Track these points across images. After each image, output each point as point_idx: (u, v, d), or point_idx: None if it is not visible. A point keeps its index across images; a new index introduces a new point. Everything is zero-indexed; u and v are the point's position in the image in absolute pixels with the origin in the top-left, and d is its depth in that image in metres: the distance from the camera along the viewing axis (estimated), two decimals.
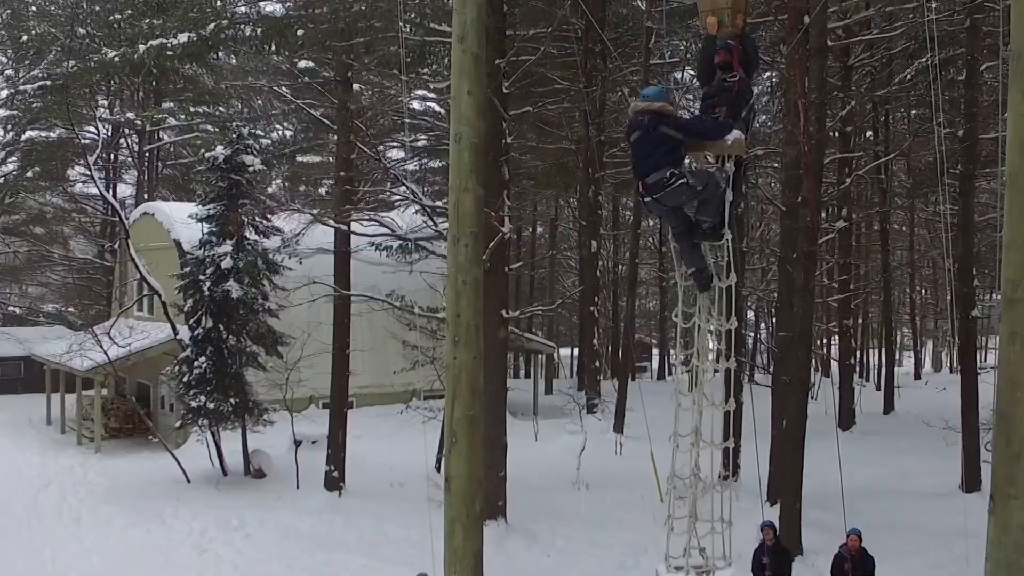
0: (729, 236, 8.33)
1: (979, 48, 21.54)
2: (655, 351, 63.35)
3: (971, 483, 20.79)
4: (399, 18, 12.14)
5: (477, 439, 8.30)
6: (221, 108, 39.43)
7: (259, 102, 34.38)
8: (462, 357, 8.25)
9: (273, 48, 17.51)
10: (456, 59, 8.35)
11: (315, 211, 20.96)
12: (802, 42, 15.73)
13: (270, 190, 52.24)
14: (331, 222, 20.63)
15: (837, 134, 27.49)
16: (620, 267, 47.79)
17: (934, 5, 19.26)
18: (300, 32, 16.55)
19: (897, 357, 57.32)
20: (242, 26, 17.22)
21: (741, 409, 21.72)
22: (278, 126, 39.69)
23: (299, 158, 36.00)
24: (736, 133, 8.18)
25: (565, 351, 55.90)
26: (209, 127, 38.66)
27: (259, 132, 33.62)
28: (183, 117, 39.07)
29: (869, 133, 33.87)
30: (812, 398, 30.68)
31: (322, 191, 48.69)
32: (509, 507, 19.19)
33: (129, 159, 43.64)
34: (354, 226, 21.17)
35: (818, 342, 41.35)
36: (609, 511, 20.26)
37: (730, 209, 8.32)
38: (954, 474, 22.03)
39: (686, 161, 8.29)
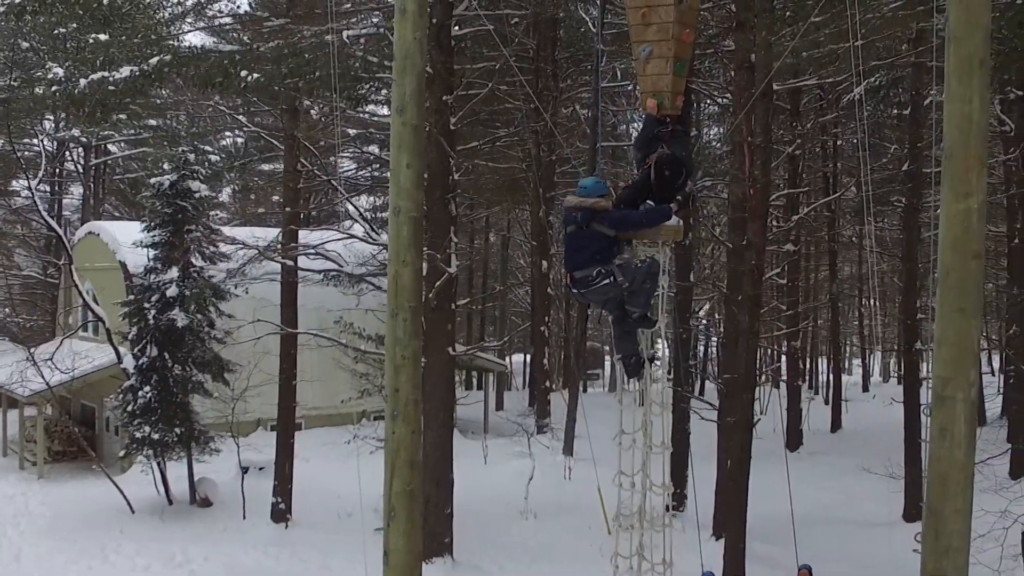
0: (664, 323, 8.37)
1: (924, 82, 21.79)
2: (607, 358, 63.66)
3: (913, 513, 21.11)
4: (334, 75, 12.02)
5: (416, 513, 8.30)
6: (169, 119, 38.99)
7: (210, 109, 34.10)
8: (400, 432, 8.24)
9: (217, 85, 17.34)
10: (395, 131, 8.25)
11: (262, 246, 20.74)
12: (748, 84, 15.81)
13: (222, 198, 52.06)
14: (278, 257, 20.50)
15: (787, 158, 27.69)
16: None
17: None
18: (244, 73, 16.40)
19: (846, 366, 57.97)
20: (187, 61, 16.94)
21: (688, 439, 22.00)
22: (229, 134, 39.39)
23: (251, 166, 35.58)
24: (673, 220, 8.21)
25: (518, 357, 56.00)
26: (160, 139, 38.09)
27: (207, 147, 33.34)
28: (131, 131, 38.54)
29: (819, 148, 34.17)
30: (762, 413, 31.04)
31: (275, 198, 48.57)
32: (456, 540, 19.14)
33: (75, 173, 42.98)
34: (301, 260, 21.03)
35: (770, 351, 41.76)
36: (557, 542, 20.28)
37: (664, 296, 8.37)
38: (898, 499, 22.35)
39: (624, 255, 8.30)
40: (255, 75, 16.25)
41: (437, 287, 17.02)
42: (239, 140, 37.97)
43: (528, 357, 46.25)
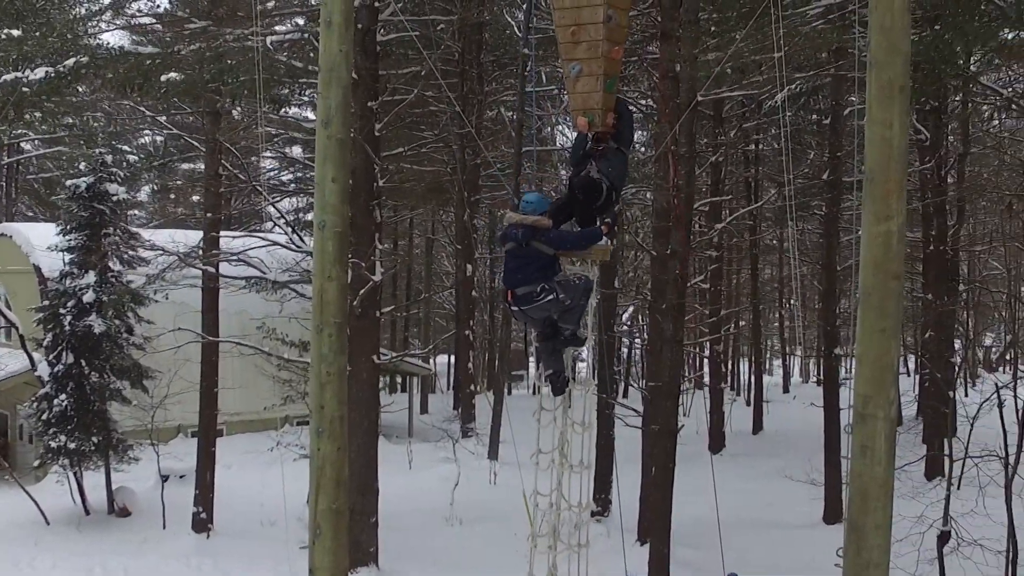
0: (592, 341, 8.43)
1: (844, 91, 22.20)
2: (531, 359, 63.79)
3: (832, 515, 21.52)
4: (258, 79, 11.85)
5: (342, 530, 8.20)
6: (86, 118, 38.09)
7: (128, 106, 33.37)
8: (326, 449, 8.12)
9: (137, 88, 16.97)
10: (320, 144, 8.12)
11: (182, 252, 20.39)
12: (673, 94, 15.94)
13: (141, 197, 51.03)
14: (199, 264, 20.17)
15: (710, 165, 28.02)
16: (496, 279, 47.87)
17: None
18: (164, 77, 16.08)
19: (767, 367, 58.87)
20: (105, 62, 16.55)
21: (612, 444, 22.14)
22: (148, 132, 38.60)
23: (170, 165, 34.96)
24: (602, 241, 8.28)
25: (442, 359, 55.84)
26: (77, 138, 37.14)
27: (125, 147, 32.67)
28: (45, 128, 37.56)
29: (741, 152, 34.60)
30: (685, 415, 31.33)
31: (195, 197, 47.72)
32: (381, 549, 19.00)
33: None
34: (223, 267, 20.72)
35: (693, 353, 42.30)
36: (484, 549, 20.21)
37: (594, 312, 8.43)
38: (819, 501, 22.73)
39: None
40: (176, 77, 15.94)
41: (362, 295, 16.88)
42: (158, 139, 37.27)
43: (453, 358, 46.21)
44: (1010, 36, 13.70)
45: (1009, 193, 29.01)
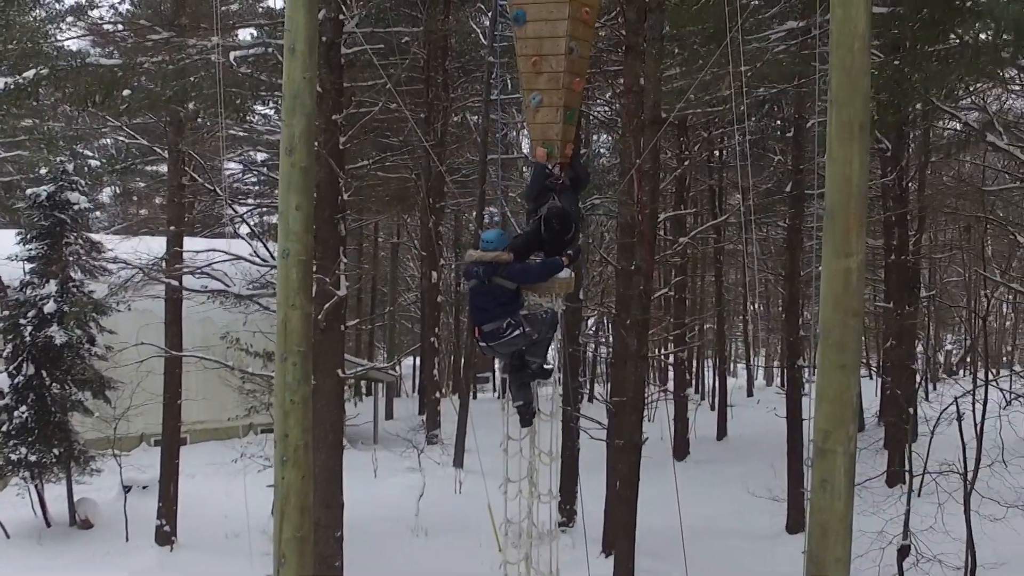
0: (558, 375, 8.49)
1: (806, 103, 22.36)
2: (497, 362, 63.80)
3: (795, 525, 21.70)
4: (220, 93, 11.79)
5: (307, 557, 8.21)
6: (46, 120, 37.60)
7: (89, 108, 32.94)
8: (290, 477, 8.12)
9: (97, 104, 16.80)
10: (284, 172, 8.10)
11: (145, 265, 20.24)
12: (637, 109, 15.99)
13: (103, 199, 50.44)
14: (163, 277, 20.02)
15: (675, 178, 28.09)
16: (462, 284, 47.85)
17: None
18: (126, 92, 15.95)
19: (731, 369, 59.15)
20: (65, 75, 16.36)
21: (577, 455, 22.18)
22: (109, 134, 38.15)
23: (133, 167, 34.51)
24: (565, 272, 8.34)
25: (407, 361, 55.73)
26: (37, 141, 36.65)
27: (87, 152, 32.33)
28: (5, 132, 37.06)
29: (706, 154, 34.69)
30: (649, 420, 31.41)
31: (158, 200, 47.24)
32: (346, 562, 18.91)
33: None
34: (186, 279, 20.58)
35: (658, 356, 42.40)
36: (449, 560, 20.24)
37: (559, 347, 8.50)
38: (781, 511, 22.88)
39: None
40: (138, 94, 15.78)
41: (327, 309, 16.78)
42: (120, 139, 36.83)
43: (418, 361, 46.11)
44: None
45: (967, 214, 29.34)
